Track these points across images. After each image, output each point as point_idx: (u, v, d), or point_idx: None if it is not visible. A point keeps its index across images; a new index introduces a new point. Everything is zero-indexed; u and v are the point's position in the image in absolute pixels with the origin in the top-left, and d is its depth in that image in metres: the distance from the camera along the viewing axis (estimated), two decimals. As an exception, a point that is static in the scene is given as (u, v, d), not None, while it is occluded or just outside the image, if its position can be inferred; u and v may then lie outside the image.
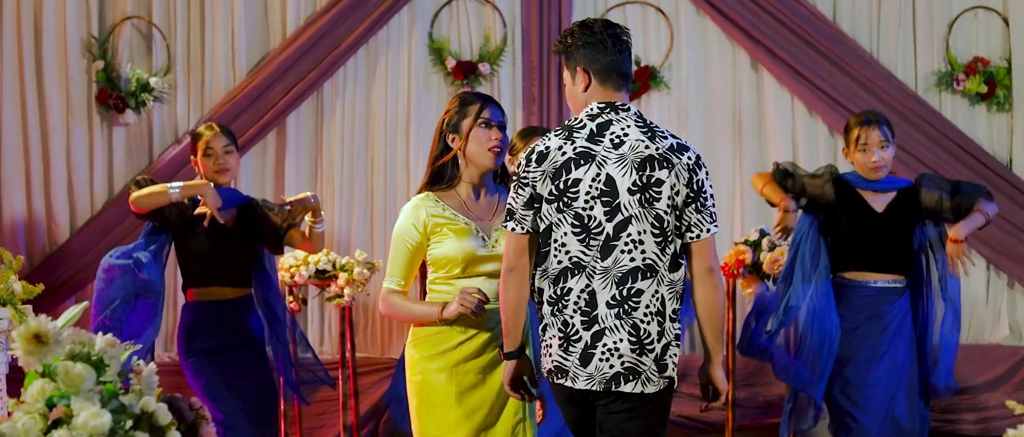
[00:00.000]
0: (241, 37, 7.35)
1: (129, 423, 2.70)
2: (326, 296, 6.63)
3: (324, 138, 7.44)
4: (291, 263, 6.37)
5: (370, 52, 7.45)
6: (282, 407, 6.17)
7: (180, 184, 5.00)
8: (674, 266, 3.60)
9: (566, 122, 3.68)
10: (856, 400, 5.31)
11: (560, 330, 3.62)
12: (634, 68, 7.29)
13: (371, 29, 7.33)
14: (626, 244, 3.56)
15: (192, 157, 5.23)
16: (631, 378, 3.58)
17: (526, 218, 3.62)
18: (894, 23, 7.50)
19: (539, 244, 3.65)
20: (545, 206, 3.60)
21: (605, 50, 3.68)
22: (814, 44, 7.35)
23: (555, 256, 3.61)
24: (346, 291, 6.43)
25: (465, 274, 3.96)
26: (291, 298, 6.47)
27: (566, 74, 3.76)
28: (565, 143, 3.60)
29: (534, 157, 3.61)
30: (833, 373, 5.34)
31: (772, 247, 6.23)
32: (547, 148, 3.61)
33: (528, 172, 3.60)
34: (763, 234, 6.33)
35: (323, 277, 6.46)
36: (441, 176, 4.02)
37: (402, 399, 4.32)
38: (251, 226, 5.27)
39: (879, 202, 5.31)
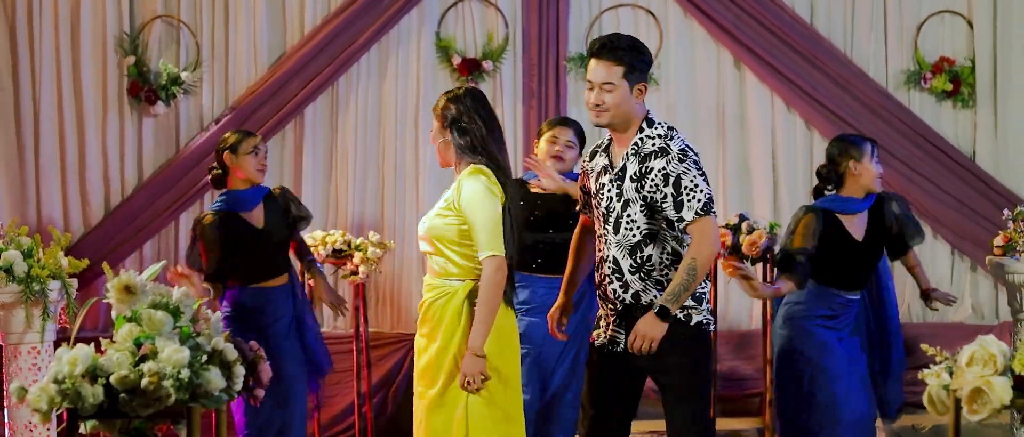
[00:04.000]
0: (262, 35, 7.59)
1: (204, 358, 3.26)
2: (342, 274, 6.93)
3: (339, 129, 7.66)
4: (310, 243, 6.58)
5: (382, 50, 7.66)
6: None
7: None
8: None
9: (671, 128, 4.35)
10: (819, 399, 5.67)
11: None
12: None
13: (383, 28, 7.56)
14: None
15: (232, 154, 5.69)
16: None
17: None
18: (866, 25, 7.73)
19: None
20: None
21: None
22: (793, 45, 7.58)
23: None
24: (361, 269, 6.74)
25: None
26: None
27: (624, 83, 4.29)
28: None
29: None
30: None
31: (751, 230, 6.67)
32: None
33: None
34: (743, 218, 6.70)
35: (339, 256, 6.75)
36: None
37: None
38: (279, 217, 5.77)
39: (857, 228, 5.50)
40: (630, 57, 4.27)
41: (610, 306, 4.43)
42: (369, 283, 7.26)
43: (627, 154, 4.33)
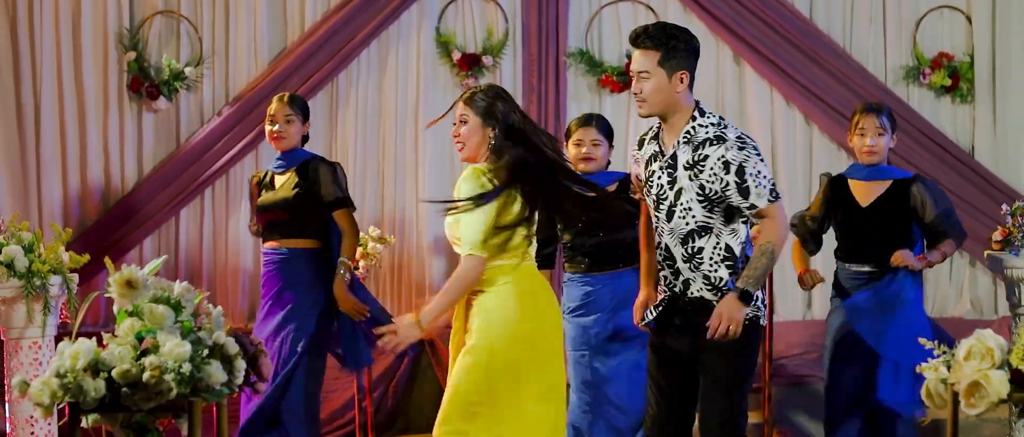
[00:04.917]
0: (262, 31, 7.63)
1: (205, 352, 3.28)
2: (342, 269, 7.02)
3: (338, 125, 7.69)
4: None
5: (381, 45, 7.68)
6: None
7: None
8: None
9: (721, 118, 4.32)
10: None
11: None
12: (626, 62, 7.73)
13: (382, 24, 7.59)
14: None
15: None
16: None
17: None
18: (866, 21, 7.75)
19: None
20: None
21: (697, 60, 4.34)
22: (792, 40, 7.61)
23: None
24: (361, 264, 6.74)
25: None
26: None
27: (660, 69, 4.23)
28: None
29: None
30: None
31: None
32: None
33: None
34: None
35: (340, 251, 6.87)
36: None
37: None
38: (300, 184, 5.89)
39: (867, 195, 5.53)
40: (663, 44, 4.22)
41: (664, 291, 4.42)
42: (369, 278, 7.27)
43: (678, 142, 4.29)
